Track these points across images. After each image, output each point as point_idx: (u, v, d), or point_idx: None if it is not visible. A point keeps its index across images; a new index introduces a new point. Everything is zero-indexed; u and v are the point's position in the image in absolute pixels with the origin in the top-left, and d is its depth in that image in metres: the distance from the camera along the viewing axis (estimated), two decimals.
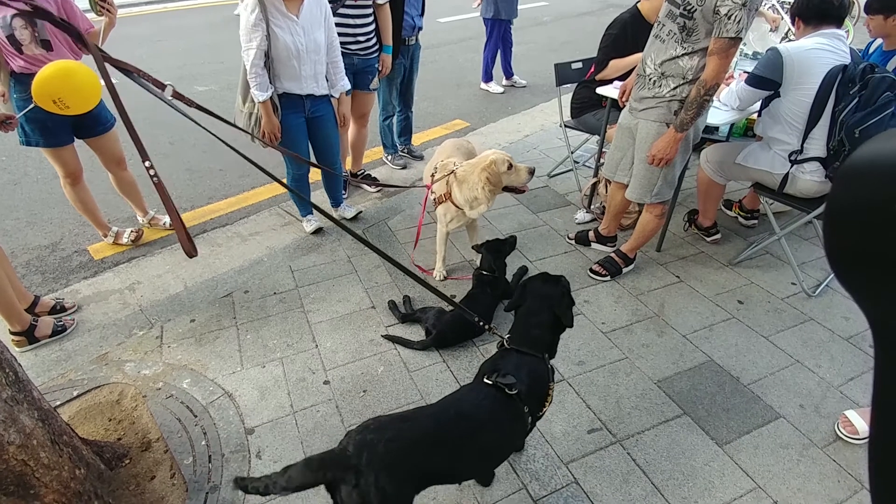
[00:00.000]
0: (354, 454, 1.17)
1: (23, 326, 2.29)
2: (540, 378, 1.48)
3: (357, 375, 2.18)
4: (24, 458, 1.42)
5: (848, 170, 0.44)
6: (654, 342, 2.36)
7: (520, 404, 1.39)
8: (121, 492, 1.73)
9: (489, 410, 1.35)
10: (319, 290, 2.67)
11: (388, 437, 1.20)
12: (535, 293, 1.62)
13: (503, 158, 2.43)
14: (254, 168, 1.61)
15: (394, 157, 4.00)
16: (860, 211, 0.43)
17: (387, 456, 1.18)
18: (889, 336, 0.46)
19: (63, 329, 2.41)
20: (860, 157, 0.43)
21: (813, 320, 2.49)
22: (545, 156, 4.05)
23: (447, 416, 1.34)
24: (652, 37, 2.27)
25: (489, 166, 2.40)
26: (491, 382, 1.39)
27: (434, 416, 1.35)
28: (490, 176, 2.40)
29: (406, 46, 3.49)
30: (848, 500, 1.72)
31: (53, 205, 3.51)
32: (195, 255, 1.54)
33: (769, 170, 2.52)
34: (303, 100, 2.67)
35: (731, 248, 3.00)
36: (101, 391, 2.10)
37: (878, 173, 0.41)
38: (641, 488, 1.75)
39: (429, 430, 1.28)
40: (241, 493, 1.72)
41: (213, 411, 1.99)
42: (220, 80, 5.69)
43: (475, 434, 1.33)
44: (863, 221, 0.43)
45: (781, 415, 2.01)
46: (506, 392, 1.36)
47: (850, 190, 0.44)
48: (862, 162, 0.43)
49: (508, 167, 2.43)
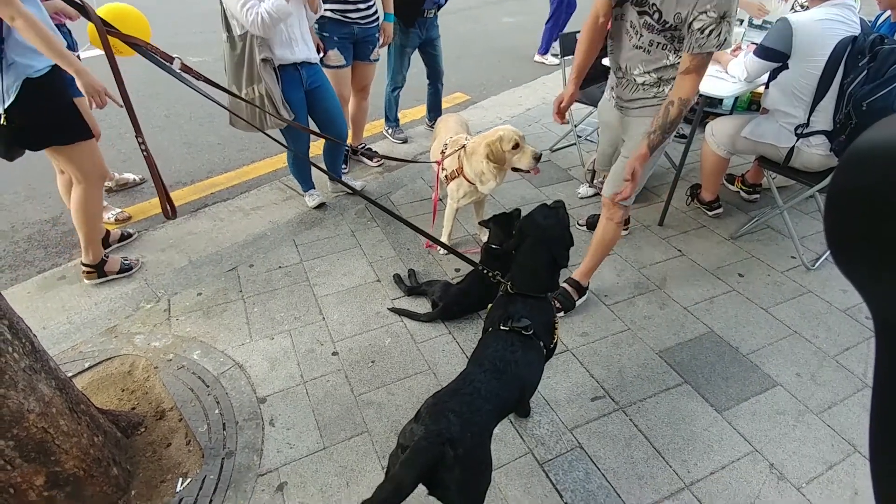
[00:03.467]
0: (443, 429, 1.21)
1: (96, 259, 2.48)
2: (546, 317, 1.61)
3: (365, 347, 2.21)
4: (44, 425, 1.45)
5: (854, 153, 0.42)
6: (656, 314, 2.40)
7: (537, 342, 1.52)
8: (138, 458, 1.78)
9: (517, 353, 1.47)
10: (324, 263, 2.69)
11: (454, 410, 1.26)
12: (534, 232, 1.67)
13: (511, 136, 2.35)
14: (252, 142, 1.62)
15: (395, 130, 3.97)
16: (864, 195, 0.41)
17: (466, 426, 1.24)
18: (888, 321, 0.45)
19: (129, 268, 2.59)
20: (867, 140, 0.41)
21: (811, 293, 2.53)
22: (547, 130, 4.03)
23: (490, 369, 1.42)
24: (632, 46, 1.96)
25: (493, 142, 2.36)
26: (508, 328, 1.50)
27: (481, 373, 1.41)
28: (491, 153, 2.35)
29: (423, 19, 3.42)
30: (841, 462, 1.79)
31: (51, 179, 3.46)
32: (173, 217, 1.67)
33: (775, 143, 2.53)
34: (299, 70, 2.62)
35: (732, 223, 3.02)
36: (112, 363, 2.13)
37: (884, 158, 0.39)
38: (643, 452, 1.81)
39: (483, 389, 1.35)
40: (256, 457, 1.77)
41: (225, 381, 2.03)
42: (213, 50, 5.56)
43: (512, 376, 1.43)
44: (867, 206, 0.41)
45: (778, 383, 2.07)
46: (523, 334, 1.48)
47: (855, 174, 0.42)
48: (869, 145, 0.41)
49: (515, 146, 2.36)
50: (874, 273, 0.43)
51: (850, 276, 0.45)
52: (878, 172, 0.39)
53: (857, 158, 0.42)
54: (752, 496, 1.69)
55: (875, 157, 0.40)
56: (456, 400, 1.30)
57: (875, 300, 0.45)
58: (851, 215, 0.43)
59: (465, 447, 1.20)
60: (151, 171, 1.56)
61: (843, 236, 0.44)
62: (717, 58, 2.84)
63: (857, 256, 0.44)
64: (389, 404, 1.97)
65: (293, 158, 2.98)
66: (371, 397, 2.00)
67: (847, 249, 0.44)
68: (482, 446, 1.30)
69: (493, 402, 1.34)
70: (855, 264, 0.45)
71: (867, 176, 0.40)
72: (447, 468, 1.18)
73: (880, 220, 0.40)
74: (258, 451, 1.80)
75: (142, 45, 1.52)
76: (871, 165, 0.40)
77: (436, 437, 1.19)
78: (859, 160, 0.41)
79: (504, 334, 1.50)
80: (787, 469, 1.77)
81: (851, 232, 0.43)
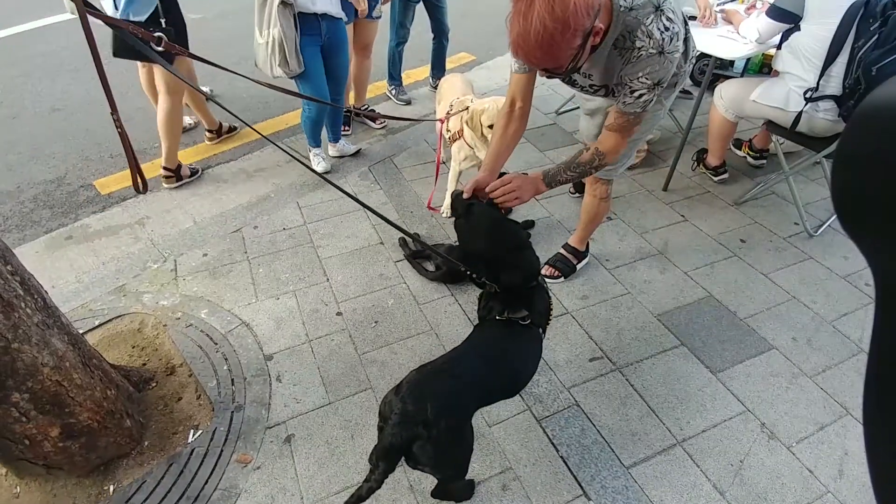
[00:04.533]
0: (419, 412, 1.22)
1: (174, 165, 2.91)
2: (543, 300, 1.55)
3: (368, 308, 2.25)
4: (58, 378, 1.50)
5: (862, 113, 0.41)
6: (656, 278, 2.42)
7: (536, 329, 1.48)
8: (150, 412, 1.85)
9: (513, 343, 1.44)
10: (328, 226, 2.70)
11: (434, 393, 1.26)
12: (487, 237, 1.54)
13: (493, 115, 2.24)
14: (255, 101, 1.62)
15: (398, 91, 3.90)
16: (872, 156, 0.41)
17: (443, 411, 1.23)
18: (891, 285, 0.45)
19: (196, 171, 3.05)
20: (873, 101, 0.40)
21: (812, 259, 2.54)
22: (553, 91, 3.95)
23: (483, 354, 1.41)
24: (580, 96, 1.93)
25: (478, 112, 2.32)
26: (505, 319, 1.44)
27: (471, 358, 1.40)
28: (470, 121, 2.36)
29: None
30: (832, 423, 1.84)
31: (55, 139, 3.47)
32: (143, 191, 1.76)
33: (783, 107, 2.49)
34: (318, 21, 2.57)
35: (737, 188, 3.00)
36: (121, 321, 2.18)
37: (891, 118, 0.39)
38: (637, 410, 1.87)
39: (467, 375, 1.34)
40: (264, 411, 1.84)
41: (233, 339, 2.08)
42: (213, 6, 5.43)
43: (504, 367, 1.43)
44: (874, 166, 0.40)
45: (774, 346, 2.11)
46: (520, 324, 1.44)
47: (862, 134, 0.42)
48: (877, 105, 0.40)
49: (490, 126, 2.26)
50: (881, 234, 0.43)
51: (856, 237, 0.45)
52: (885, 132, 0.39)
53: (864, 119, 0.41)
54: (742, 453, 1.75)
55: (882, 118, 0.40)
56: (438, 382, 1.29)
57: (881, 262, 0.45)
58: (858, 176, 0.42)
59: (439, 430, 1.20)
60: (125, 146, 1.58)
61: (850, 197, 0.44)
62: (730, 17, 2.76)
63: (863, 217, 0.44)
64: (392, 363, 2.02)
65: (306, 111, 2.94)
66: (374, 356, 2.05)
67: (854, 210, 0.44)
68: (458, 427, 1.30)
69: (476, 389, 1.33)
70: (861, 225, 0.44)
71: (874, 136, 0.40)
72: (420, 447, 1.20)
73: (888, 180, 0.39)
74: (266, 405, 1.86)
75: (122, 27, 1.50)
76: (877, 126, 0.40)
77: (412, 417, 1.20)
78: (866, 121, 0.41)
79: (502, 324, 1.45)
80: (779, 428, 1.82)
81: (858, 192, 0.43)
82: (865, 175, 0.42)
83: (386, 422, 1.24)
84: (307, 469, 1.69)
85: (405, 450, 1.21)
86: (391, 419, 1.22)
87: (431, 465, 1.26)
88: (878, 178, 0.40)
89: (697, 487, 1.66)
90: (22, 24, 5.23)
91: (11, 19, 5.32)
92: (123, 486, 1.64)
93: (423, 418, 1.20)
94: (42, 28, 5.18)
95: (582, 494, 1.64)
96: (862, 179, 0.42)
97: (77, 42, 5.11)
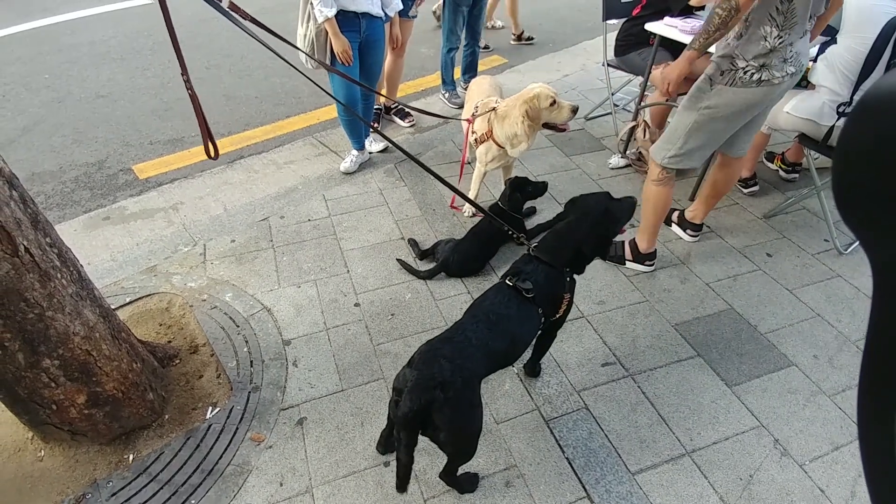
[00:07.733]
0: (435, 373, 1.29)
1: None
2: (553, 286, 1.61)
3: (386, 300, 2.30)
4: (88, 347, 1.58)
5: (865, 102, 0.40)
6: (676, 288, 2.40)
7: (534, 307, 1.55)
8: (172, 387, 1.93)
9: (512, 309, 1.51)
10: (351, 219, 2.76)
11: (445, 355, 1.33)
12: (583, 210, 1.71)
13: (547, 94, 2.36)
14: (288, 97, 1.67)
15: (451, 94, 3.90)
16: (875, 146, 0.40)
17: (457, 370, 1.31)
18: (891, 280, 0.44)
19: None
20: (879, 88, 0.39)
21: (840, 277, 2.47)
22: (584, 97, 3.94)
23: (483, 320, 1.48)
24: None
25: (531, 100, 2.35)
26: (511, 284, 1.54)
27: (473, 323, 1.47)
28: (529, 110, 2.35)
29: None
30: (848, 444, 1.80)
31: (97, 123, 3.63)
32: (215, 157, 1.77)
33: (816, 120, 2.43)
34: (359, 19, 2.64)
35: (767, 202, 2.94)
36: (151, 299, 2.28)
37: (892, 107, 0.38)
38: (648, 417, 1.86)
39: (474, 338, 1.42)
40: (279, 393, 1.90)
41: (254, 323, 2.15)
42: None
43: (503, 330, 1.49)
44: (877, 157, 0.39)
45: (794, 363, 2.06)
46: (523, 294, 1.52)
47: (865, 123, 0.40)
48: (881, 94, 0.39)
49: (552, 103, 2.37)
50: (881, 225, 0.42)
51: (856, 226, 0.44)
52: (887, 121, 0.38)
53: (866, 108, 0.40)
54: (752, 468, 1.72)
55: (883, 108, 0.39)
56: (448, 347, 1.37)
57: (879, 256, 0.44)
58: (860, 165, 0.42)
59: (455, 389, 1.28)
60: (196, 111, 1.62)
61: (848, 188, 0.43)
62: None
63: (863, 209, 0.43)
64: (405, 355, 2.05)
65: (343, 112, 3.01)
66: (389, 347, 2.09)
67: (854, 202, 0.44)
68: (472, 389, 1.36)
69: (483, 350, 1.40)
70: (861, 216, 0.43)
71: (876, 125, 0.39)
72: (438, 409, 1.26)
73: (886, 171, 0.39)
74: (281, 387, 1.92)
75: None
76: (879, 115, 0.39)
77: (428, 381, 1.27)
78: (868, 110, 0.40)
79: (506, 288, 1.54)
80: (792, 446, 1.79)
81: (857, 183, 0.42)
82: (864, 166, 0.41)
83: (400, 394, 1.29)
84: (317, 452, 1.74)
85: (422, 416, 1.27)
86: (406, 387, 1.28)
87: (447, 428, 1.31)
88: (876, 169, 0.40)
89: (703, 499, 1.64)
90: (71, 13, 5.48)
91: (60, 7, 5.59)
92: (142, 456, 1.72)
93: (440, 380, 1.27)
94: (90, 17, 5.42)
95: (585, 497, 1.64)
96: (860, 171, 0.42)
97: (124, 32, 5.34)
